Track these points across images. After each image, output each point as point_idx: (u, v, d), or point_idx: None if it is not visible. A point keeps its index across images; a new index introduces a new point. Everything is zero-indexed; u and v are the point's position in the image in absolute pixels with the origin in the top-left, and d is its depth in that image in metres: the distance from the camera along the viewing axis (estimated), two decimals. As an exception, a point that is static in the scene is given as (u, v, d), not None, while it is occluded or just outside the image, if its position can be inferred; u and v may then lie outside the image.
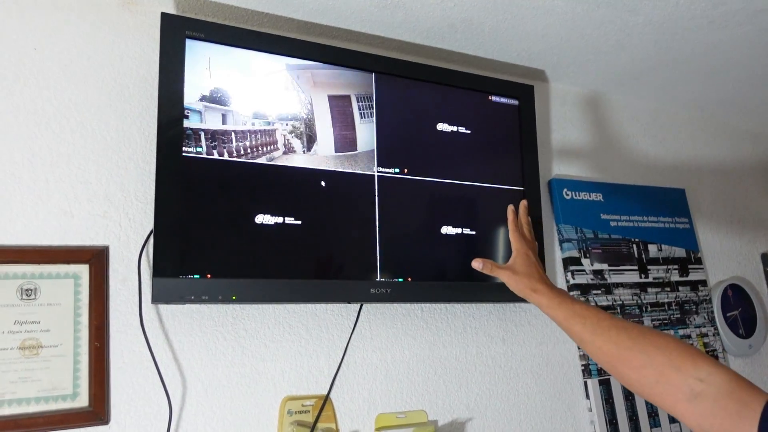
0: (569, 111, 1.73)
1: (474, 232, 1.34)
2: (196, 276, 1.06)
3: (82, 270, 1.07)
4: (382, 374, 1.29)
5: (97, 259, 1.08)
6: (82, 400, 1.03)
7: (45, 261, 1.04)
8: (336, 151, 1.23)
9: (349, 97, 1.26)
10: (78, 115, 1.14)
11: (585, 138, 1.74)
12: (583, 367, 1.51)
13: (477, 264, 1.25)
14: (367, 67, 1.29)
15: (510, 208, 1.33)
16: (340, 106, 1.25)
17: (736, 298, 1.81)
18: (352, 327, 1.28)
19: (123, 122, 1.17)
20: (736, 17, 1.38)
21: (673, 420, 1.57)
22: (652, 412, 1.55)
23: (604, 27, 1.41)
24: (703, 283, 1.77)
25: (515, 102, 1.46)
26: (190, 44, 1.13)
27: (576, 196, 1.63)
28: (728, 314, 1.77)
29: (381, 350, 1.30)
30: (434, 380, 1.34)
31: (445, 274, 1.30)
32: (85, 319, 1.05)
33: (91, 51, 1.18)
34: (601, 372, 1.52)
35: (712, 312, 1.76)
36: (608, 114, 1.81)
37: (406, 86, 1.33)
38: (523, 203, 1.36)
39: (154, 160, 1.07)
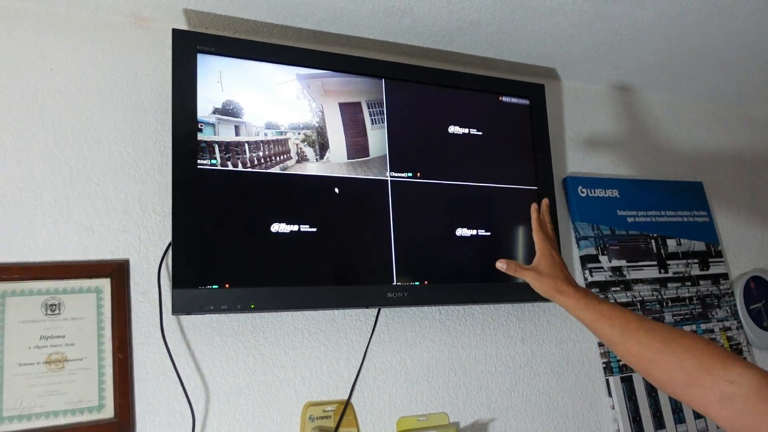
0: (582, 108, 1.73)
1: (489, 233, 1.34)
2: (214, 286, 1.07)
3: (104, 284, 1.09)
4: (402, 377, 1.30)
5: (118, 272, 1.11)
6: (108, 412, 1.05)
7: (68, 276, 1.07)
8: (348, 158, 1.24)
9: (359, 103, 1.28)
10: (95, 132, 1.17)
11: (599, 134, 1.73)
12: (604, 365, 1.50)
13: (501, 265, 1.23)
14: (377, 73, 1.30)
15: (533, 206, 1.31)
16: (351, 113, 1.26)
17: (760, 291, 1.78)
18: (371, 331, 1.29)
19: (139, 137, 1.20)
20: (747, 7, 1.37)
21: (698, 416, 1.55)
22: (677, 408, 1.54)
23: (613, 23, 1.41)
24: (725, 276, 1.75)
25: (526, 102, 1.46)
26: (201, 58, 1.15)
27: (591, 193, 1.62)
28: (751, 307, 1.75)
29: (400, 353, 1.31)
30: (454, 382, 1.35)
31: (461, 276, 1.30)
32: (108, 331, 1.08)
33: (106, 69, 1.20)
34: (623, 369, 1.51)
35: (735, 305, 1.74)
36: (621, 109, 1.80)
37: (416, 90, 1.34)
38: (545, 202, 1.34)
39: (170, 174, 1.09)
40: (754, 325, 1.73)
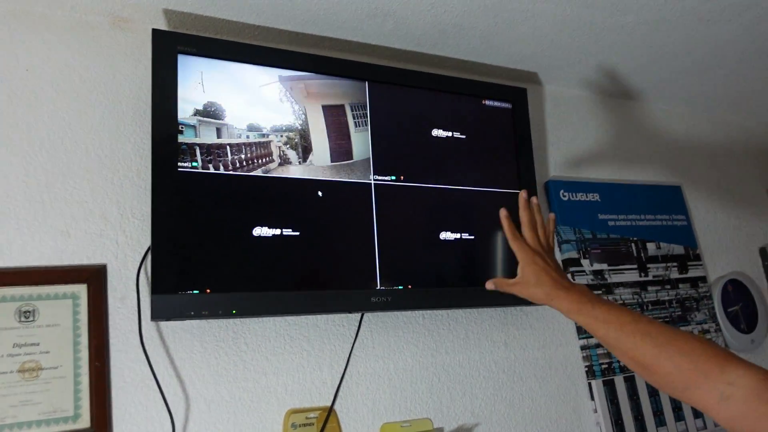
0: (563, 112, 1.73)
1: (473, 237, 1.33)
2: (195, 291, 1.05)
3: (81, 290, 1.06)
4: (385, 383, 1.28)
5: (95, 278, 1.08)
6: (84, 422, 1.01)
7: (43, 282, 1.04)
8: (332, 161, 1.22)
9: (343, 106, 1.26)
10: (72, 134, 1.14)
11: (580, 138, 1.74)
12: (586, 369, 1.51)
13: (490, 285, 1.19)
14: (360, 75, 1.29)
15: (502, 213, 1.21)
16: (334, 115, 1.25)
17: (737, 293, 1.81)
18: (354, 337, 1.27)
19: (117, 139, 1.17)
20: (725, 13, 1.39)
21: (679, 418, 1.56)
22: (658, 411, 1.54)
23: (595, 27, 1.42)
24: (703, 279, 1.77)
25: (509, 105, 1.46)
26: (182, 59, 1.13)
27: (573, 197, 1.63)
28: (729, 310, 1.77)
29: (384, 359, 1.30)
30: (438, 387, 1.33)
31: (445, 280, 1.29)
32: (84, 339, 1.04)
33: (83, 70, 1.17)
34: (605, 373, 1.51)
35: (713, 308, 1.75)
36: (602, 113, 1.81)
37: (400, 93, 1.33)
38: (534, 200, 1.22)
39: (150, 177, 1.07)
40: (732, 327, 1.75)
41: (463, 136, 1.38)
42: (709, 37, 1.50)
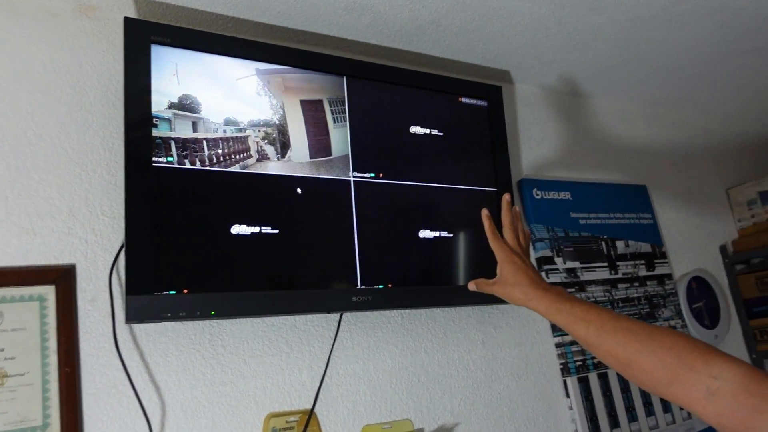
0: (534, 111, 1.74)
1: (451, 235, 1.32)
2: (171, 292, 1.00)
3: (48, 291, 1.00)
4: (365, 384, 1.26)
5: (63, 278, 1.01)
6: (54, 431, 0.95)
7: (7, 283, 0.97)
8: (311, 157, 1.19)
9: (321, 101, 1.23)
10: (36, 127, 1.07)
11: (551, 138, 1.75)
12: (561, 366, 1.51)
13: (471, 286, 1.20)
14: (338, 70, 1.27)
15: (484, 213, 1.21)
16: (312, 110, 1.22)
17: (700, 290, 1.85)
18: (333, 338, 1.24)
19: (85, 133, 1.11)
20: (695, 15, 1.42)
21: (650, 413, 1.59)
22: (630, 407, 1.56)
23: (568, 26, 1.43)
24: (669, 276, 1.81)
25: (484, 103, 1.46)
26: (155, 50, 1.08)
27: (546, 195, 1.63)
28: (694, 306, 1.81)
29: (363, 360, 1.27)
30: (418, 387, 1.31)
31: (425, 279, 1.27)
32: (53, 343, 0.98)
33: (47, 60, 1.11)
34: (579, 370, 1.52)
35: (679, 305, 1.79)
36: (572, 113, 1.83)
37: (378, 89, 1.31)
38: (515, 208, 1.23)
39: (120, 172, 1.02)
40: (696, 323, 1.79)
41: (441, 134, 1.37)
42: (679, 39, 1.53)
